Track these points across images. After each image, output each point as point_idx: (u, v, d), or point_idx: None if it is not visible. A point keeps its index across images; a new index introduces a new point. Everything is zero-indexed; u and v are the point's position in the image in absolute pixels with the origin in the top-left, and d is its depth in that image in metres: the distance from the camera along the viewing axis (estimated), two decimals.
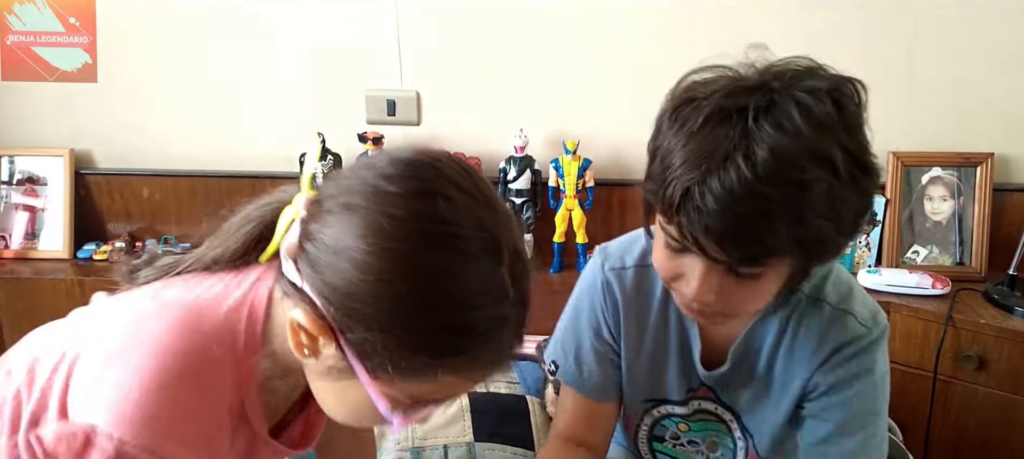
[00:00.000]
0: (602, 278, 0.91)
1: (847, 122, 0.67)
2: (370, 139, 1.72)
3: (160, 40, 1.79)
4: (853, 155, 0.66)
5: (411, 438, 1.13)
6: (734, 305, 0.73)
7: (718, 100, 0.66)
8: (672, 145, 0.68)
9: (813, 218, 0.64)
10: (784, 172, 0.62)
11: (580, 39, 1.75)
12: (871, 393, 0.82)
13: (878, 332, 0.82)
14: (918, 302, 1.61)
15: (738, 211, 0.63)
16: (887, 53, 1.74)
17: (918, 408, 1.60)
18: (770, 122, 0.64)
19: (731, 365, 0.87)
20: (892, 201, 1.76)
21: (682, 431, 0.97)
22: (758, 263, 0.68)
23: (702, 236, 0.66)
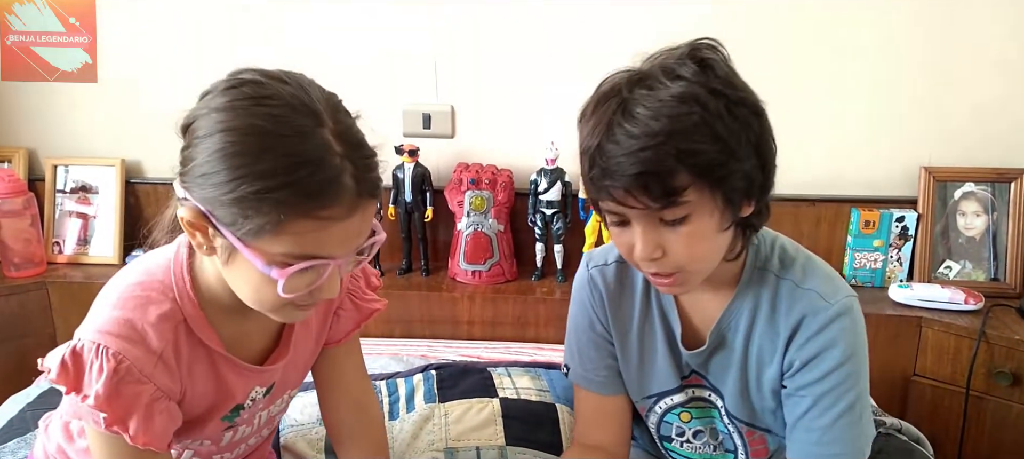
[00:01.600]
0: (587, 276, 1.00)
1: (711, 70, 0.77)
2: (406, 151, 1.78)
3: (203, 57, 1.87)
4: (722, 92, 0.75)
5: (445, 439, 1.16)
6: (682, 256, 0.79)
7: (600, 89, 0.81)
8: (581, 139, 0.81)
9: (699, 144, 0.74)
10: (662, 115, 0.73)
11: (610, 54, 1.77)
12: (844, 366, 0.85)
13: (842, 306, 0.85)
14: (950, 317, 1.60)
15: (632, 159, 0.73)
16: (920, 68, 1.74)
17: (950, 424, 1.60)
18: (641, 89, 0.76)
19: (710, 344, 0.92)
20: (924, 216, 1.75)
21: (685, 421, 1.01)
22: (674, 202, 0.75)
23: (615, 189, 0.76)
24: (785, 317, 0.88)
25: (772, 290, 0.89)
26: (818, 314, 0.86)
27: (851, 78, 1.75)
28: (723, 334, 0.92)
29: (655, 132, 0.73)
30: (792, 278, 0.88)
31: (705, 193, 0.76)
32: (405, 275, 1.86)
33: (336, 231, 0.67)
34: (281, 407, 0.95)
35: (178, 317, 0.76)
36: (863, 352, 0.88)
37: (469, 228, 1.80)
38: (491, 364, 1.46)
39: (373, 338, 1.77)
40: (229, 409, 0.82)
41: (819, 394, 0.86)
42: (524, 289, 1.79)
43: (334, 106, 0.71)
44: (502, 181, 1.79)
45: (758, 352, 0.91)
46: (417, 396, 1.27)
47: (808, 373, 0.87)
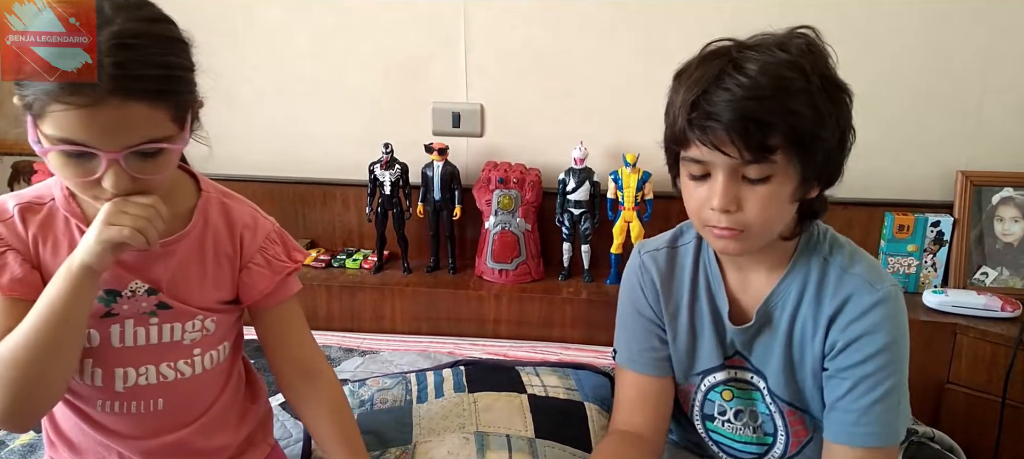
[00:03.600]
0: (639, 261, 1.06)
1: (815, 54, 0.84)
2: (436, 149, 1.79)
3: (242, 52, 1.90)
4: (822, 75, 0.82)
5: (475, 424, 1.17)
6: (754, 213, 0.84)
7: (705, 52, 0.86)
8: (675, 97, 0.87)
9: (799, 108, 0.79)
10: (770, 74, 0.79)
11: (641, 54, 1.78)
12: (885, 352, 0.88)
13: (886, 292, 0.89)
14: (986, 324, 1.57)
15: (740, 106, 0.79)
16: (957, 71, 1.71)
17: (984, 433, 1.57)
18: (752, 53, 0.82)
19: (756, 321, 0.96)
20: (960, 221, 1.72)
21: (726, 400, 1.03)
22: (764, 158, 0.81)
23: (714, 135, 0.81)
24: (831, 298, 0.91)
25: (820, 271, 0.92)
26: (863, 297, 0.89)
27: (887, 79, 1.73)
28: (770, 312, 0.95)
29: (763, 86, 0.79)
30: (840, 262, 0.92)
31: (790, 159, 0.82)
32: (433, 273, 1.87)
33: (85, 118, 0.73)
34: (195, 340, 0.94)
35: (47, 199, 0.88)
36: (905, 340, 0.91)
37: (497, 227, 1.81)
38: (518, 362, 1.46)
39: (400, 335, 1.79)
40: (100, 289, 0.86)
41: (859, 377, 0.89)
42: (551, 289, 1.79)
43: (129, 9, 0.77)
44: (530, 180, 1.80)
45: (801, 330, 0.94)
46: (446, 387, 1.28)
47: (850, 355, 0.89)
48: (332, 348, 1.67)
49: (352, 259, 1.90)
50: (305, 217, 1.98)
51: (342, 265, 1.89)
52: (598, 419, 1.24)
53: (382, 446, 1.14)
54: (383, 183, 1.81)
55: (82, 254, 0.79)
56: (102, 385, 0.90)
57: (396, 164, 1.80)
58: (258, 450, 1.06)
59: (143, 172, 0.79)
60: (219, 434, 1.00)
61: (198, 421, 0.97)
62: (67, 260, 0.80)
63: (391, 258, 1.93)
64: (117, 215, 0.78)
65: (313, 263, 1.90)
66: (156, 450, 0.94)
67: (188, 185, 0.95)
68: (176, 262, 0.90)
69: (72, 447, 0.94)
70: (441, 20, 1.82)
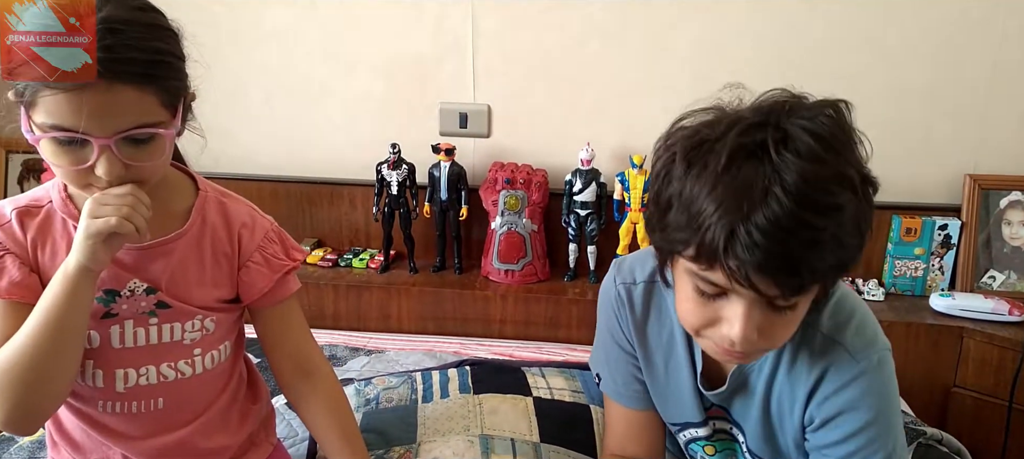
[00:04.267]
0: (615, 291, 0.94)
1: (848, 138, 0.70)
2: (443, 150, 1.79)
3: (251, 53, 1.91)
4: (861, 171, 0.70)
5: (480, 426, 1.17)
6: (773, 338, 0.74)
7: (734, 139, 0.67)
8: (696, 190, 0.68)
9: (848, 238, 0.67)
10: (819, 197, 0.64)
11: (648, 56, 1.78)
12: (868, 429, 0.79)
13: (870, 364, 0.79)
14: (993, 328, 1.57)
15: (788, 242, 0.64)
16: (965, 74, 1.70)
17: (991, 437, 1.56)
18: (791, 151, 0.66)
19: (730, 386, 0.88)
20: (968, 224, 1.72)
21: (709, 454, 0.98)
22: (802, 292, 0.69)
23: (754, 273, 0.66)
24: (808, 369, 0.82)
25: (799, 336, 0.81)
26: (842, 371, 0.79)
27: (895, 83, 1.72)
28: (745, 377, 0.88)
29: (817, 224, 0.64)
30: (820, 326, 0.81)
31: (816, 288, 0.71)
32: (439, 273, 1.88)
33: (74, 102, 0.74)
34: (195, 340, 0.93)
35: (45, 202, 0.87)
36: (891, 409, 0.82)
37: (503, 227, 1.81)
38: (524, 363, 1.47)
39: (406, 334, 1.79)
40: (99, 289, 0.86)
41: (843, 456, 0.81)
42: (556, 290, 1.79)
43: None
44: (537, 181, 1.80)
45: (779, 400, 0.86)
46: (452, 387, 1.28)
47: (829, 433, 0.81)
48: (338, 347, 1.67)
49: (359, 258, 1.91)
50: (312, 216, 1.99)
51: (349, 264, 1.90)
52: (602, 422, 1.24)
53: (386, 445, 1.14)
54: (390, 183, 1.81)
55: (76, 255, 0.79)
56: (103, 386, 0.89)
57: (403, 164, 1.81)
58: (260, 450, 1.06)
59: (136, 158, 0.79)
60: (220, 434, 1.00)
61: (198, 420, 0.96)
62: (63, 264, 0.80)
63: (397, 258, 1.94)
64: (99, 207, 0.78)
65: (320, 262, 1.90)
66: (157, 450, 0.94)
67: (185, 185, 0.95)
68: (174, 261, 0.90)
69: (75, 447, 0.94)
70: (449, 21, 1.82)
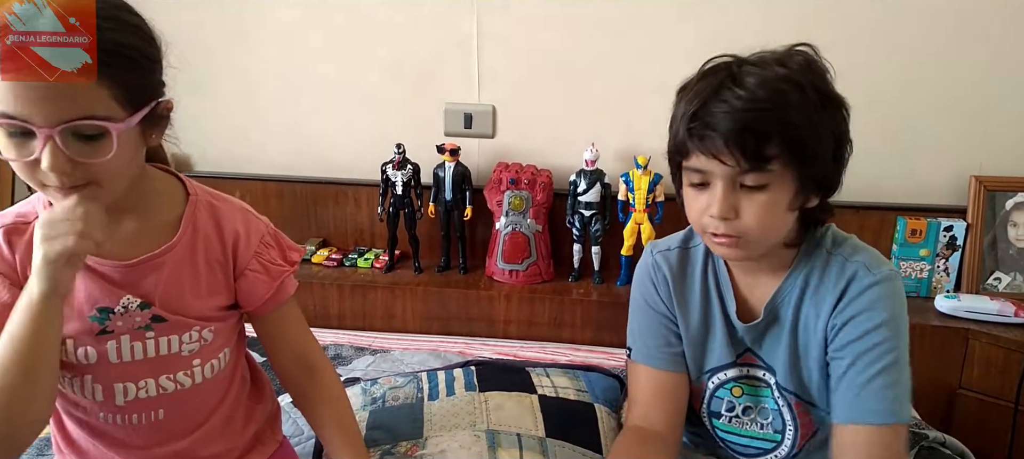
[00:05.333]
0: (651, 260, 1.08)
1: (813, 70, 0.87)
2: (447, 150, 1.80)
3: (257, 53, 1.91)
4: (818, 88, 0.86)
5: (486, 422, 1.17)
6: (751, 221, 0.87)
7: (705, 68, 0.90)
8: (677, 110, 0.91)
9: (795, 119, 0.83)
10: (768, 88, 0.83)
11: (653, 56, 1.78)
12: (881, 328, 0.91)
13: (883, 275, 0.92)
14: (999, 330, 1.57)
15: (738, 117, 0.83)
16: (971, 76, 1.70)
17: (997, 440, 1.56)
18: (751, 68, 0.86)
19: (764, 318, 0.99)
20: (973, 226, 1.71)
21: (736, 396, 1.05)
22: (762, 167, 0.84)
23: (712, 146, 0.85)
24: (833, 287, 0.94)
25: (822, 264, 0.96)
26: (861, 280, 0.92)
27: (901, 84, 1.72)
28: (776, 309, 0.98)
29: (760, 99, 0.83)
30: (841, 253, 0.95)
31: (788, 168, 0.85)
32: (443, 273, 1.88)
33: (20, 87, 0.73)
34: (194, 351, 0.92)
35: (31, 217, 0.86)
36: (903, 321, 0.93)
37: (507, 227, 1.81)
38: (528, 363, 1.47)
39: (411, 334, 1.80)
40: (92, 307, 0.85)
41: (858, 352, 0.91)
42: (561, 290, 1.80)
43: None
44: (541, 181, 1.80)
45: (805, 321, 0.97)
46: (457, 385, 1.29)
47: (848, 332, 0.92)
48: (343, 347, 1.68)
49: (364, 258, 1.91)
50: (317, 216, 2.00)
51: (354, 264, 1.91)
52: (608, 421, 1.24)
53: (393, 440, 1.14)
54: (395, 183, 1.82)
55: (37, 283, 0.75)
56: (102, 400, 0.89)
57: (408, 164, 1.81)
58: (266, 447, 1.07)
59: (83, 155, 0.75)
60: (224, 438, 0.99)
61: (202, 428, 0.96)
62: (25, 290, 0.77)
63: (402, 258, 1.94)
64: (50, 230, 0.75)
65: (325, 262, 1.91)
66: (161, 457, 0.93)
67: (174, 191, 0.92)
68: (167, 273, 0.88)
69: (80, 453, 0.94)
70: (453, 22, 1.82)
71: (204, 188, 0.95)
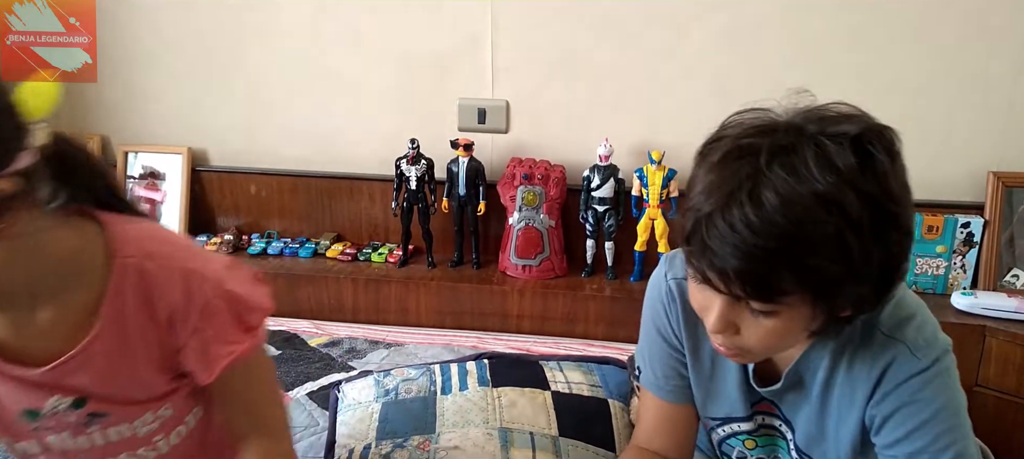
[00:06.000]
0: (665, 287, 0.94)
1: (872, 171, 0.66)
2: (461, 145, 1.80)
3: (272, 49, 1.93)
4: (875, 204, 0.65)
5: (499, 419, 1.18)
6: (754, 342, 0.74)
7: (737, 138, 0.69)
8: (696, 179, 0.72)
9: (819, 262, 0.65)
10: (792, 212, 0.63)
11: (668, 50, 1.77)
12: (935, 422, 0.77)
13: (930, 360, 0.77)
14: (1017, 327, 1.55)
15: (741, 251, 0.65)
16: (990, 71, 1.68)
17: (1014, 437, 1.55)
18: (783, 165, 0.65)
19: (784, 384, 0.87)
20: (991, 222, 1.70)
21: (749, 449, 0.97)
22: (769, 301, 0.69)
23: (708, 270, 0.69)
24: (869, 368, 0.80)
25: (858, 336, 0.81)
26: (902, 367, 0.78)
27: (919, 79, 1.71)
28: (800, 375, 0.86)
29: (776, 233, 0.64)
30: (880, 326, 0.79)
31: (806, 301, 0.69)
32: (457, 267, 1.89)
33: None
34: (153, 430, 0.80)
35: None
36: (957, 406, 0.79)
37: (520, 223, 1.81)
38: (542, 357, 1.47)
39: (424, 328, 1.81)
40: (19, 409, 0.74)
41: (911, 452, 0.78)
42: (574, 285, 1.80)
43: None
44: (555, 177, 1.80)
45: (837, 402, 0.84)
46: (470, 380, 1.29)
47: (892, 431, 0.79)
48: (358, 340, 1.69)
49: (378, 253, 1.93)
50: (332, 211, 2.01)
51: (368, 259, 1.92)
52: (622, 417, 1.24)
53: (405, 434, 1.15)
54: (409, 178, 1.82)
55: None
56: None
57: (422, 159, 1.82)
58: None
59: None
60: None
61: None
62: None
63: (416, 252, 1.95)
64: None
65: (339, 256, 1.92)
66: None
67: (92, 260, 0.73)
68: (96, 367, 0.73)
69: None
70: (468, 16, 1.83)
71: (139, 239, 0.75)
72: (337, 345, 1.66)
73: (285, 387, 1.44)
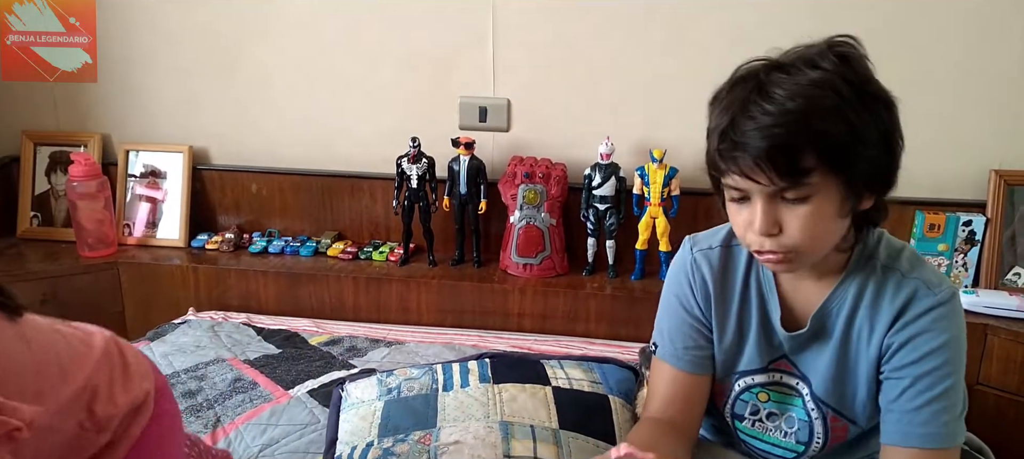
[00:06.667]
0: (690, 259, 1.02)
1: (849, 65, 0.81)
2: (462, 143, 1.80)
3: (273, 47, 1.93)
4: (857, 83, 0.80)
5: (500, 413, 1.18)
6: (796, 234, 0.83)
7: (735, 75, 0.85)
8: (712, 115, 0.86)
9: (829, 127, 0.78)
10: (798, 97, 0.78)
11: (669, 49, 1.77)
12: (941, 351, 0.87)
13: (946, 296, 0.88)
14: (1018, 326, 1.55)
15: (765, 134, 0.78)
16: (992, 70, 1.68)
17: (1015, 436, 1.54)
18: (780, 74, 0.80)
19: (811, 328, 0.94)
20: (993, 221, 1.70)
21: (762, 401, 1.02)
22: (799, 181, 0.79)
23: (742, 163, 0.80)
24: (889, 304, 0.90)
25: (878, 279, 0.91)
26: (922, 300, 0.88)
27: (921, 77, 1.70)
28: (824, 319, 0.94)
29: (790, 110, 0.77)
30: (899, 268, 0.90)
31: (830, 176, 0.80)
32: (458, 266, 1.89)
33: None
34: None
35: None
36: (962, 343, 0.89)
37: (521, 221, 1.81)
38: (543, 356, 1.47)
39: (425, 326, 1.81)
40: None
41: (916, 375, 0.88)
42: (575, 284, 1.80)
43: None
44: (556, 175, 1.80)
45: (858, 336, 0.92)
46: (472, 377, 1.29)
47: (907, 353, 0.88)
48: (359, 339, 1.69)
49: (379, 251, 1.92)
50: (333, 209, 2.01)
51: (369, 257, 1.92)
52: (622, 412, 1.24)
53: (407, 429, 1.15)
54: (410, 176, 1.82)
55: None
56: None
57: (423, 158, 1.82)
58: None
59: None
60: None
61: None
62: None
63: (417, 251, 1.95)
64: None
65: (340, 255, 1.92)
66: None
67: None
68: None
69: None
70: (469, 15, 1.83)
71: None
72: (338, 344, 1.66)
73: (286, 385, 1.44)
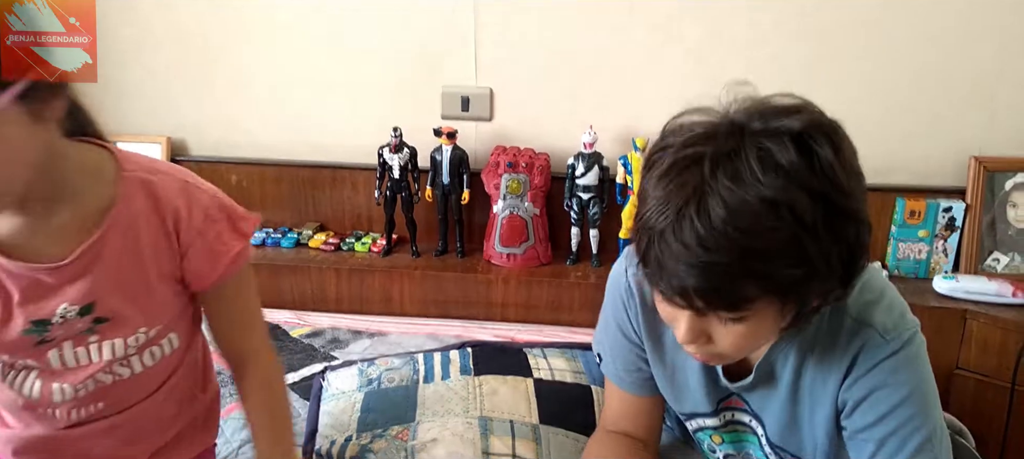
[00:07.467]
0: (625, 282, 0.92)
1: (818, 166, 0.64)
2: (445, 133, 1.79)
3: (252, 34, 1.90)
4: (825, 200, 0.64)
5: (479, 408, 1.17)
6: (727, 346, 0.73)
7: (681, 148, 0.67)
8: (645, 193, 0.70)
9: (777, 268, 0.64)
10: (742, 221, 0.62)
11: (653, 39, 1.77)
12: (904, 405, 0.78)
13: (900, 343, 0.78)
14: (997, 310, 1.57)
15: (697, 268, 0.64)
16: (972, 56, 1.69)
17: (994, 419, 1.56)
18: (727, 172, 0.63)
19: (755, 377, 0.86)
20: (973, 207, 1.71)
21: (716, 443, 0.97)
22: (735, 310, 0.68)
23: (667, 290, 0.68)
24: (840, 356, 0.80)
25: (826, 326, 0.80)
26: (874, 351, 0.78)
27: (901, 63, 1.71)
28: (771, 367, 0.85)
29: (730, 246, 0.62)
30: (848, 312, 0.79)
31: (773, 304, 0.69)
32: (441, 256, 1.88)
33: None
34: (138, 346, 0.86)
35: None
36: (929, 386, 0.80)
37: (505, 211, 1.81)
38: (526, 345, 1.47)
39: (408, 317, 1.80)
40: (26, 320, 0.79)
41: (881, 438, 0.79)
42: (559, 273, 1.79)
43: None
44: (539, 165, 1.80)
45: (809, 390, 0.84)
46: (453, 369, 1.29)
47: (865, 414, 0.80)
48: (341, 330, 1.68)
49: (361, 242, 1.91)
50: (315, 200, 1.99)
51: (351, 248, 1.90)
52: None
53: (385, 424, 1.15)
54: (392, 167, 1.81)
55: None
56: (39, 397, 0.84)
57: (405, 148, 1.80)
58: (193, 446, 1.00)
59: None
60: (154, 424, 0.93)
61: (130, 410, 0.90)
62: None
63: (400, 241, 1.94)
64: None
65: (322, 246, 1.91)
66: (87, 435, 0.88)
67: (103, 170, 0.81)
68: (104, 270, 0.80)
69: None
70: (451, 4, 1.81)
71: (140, 159, 0.85)
72: (319, 335, 1.64)
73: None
